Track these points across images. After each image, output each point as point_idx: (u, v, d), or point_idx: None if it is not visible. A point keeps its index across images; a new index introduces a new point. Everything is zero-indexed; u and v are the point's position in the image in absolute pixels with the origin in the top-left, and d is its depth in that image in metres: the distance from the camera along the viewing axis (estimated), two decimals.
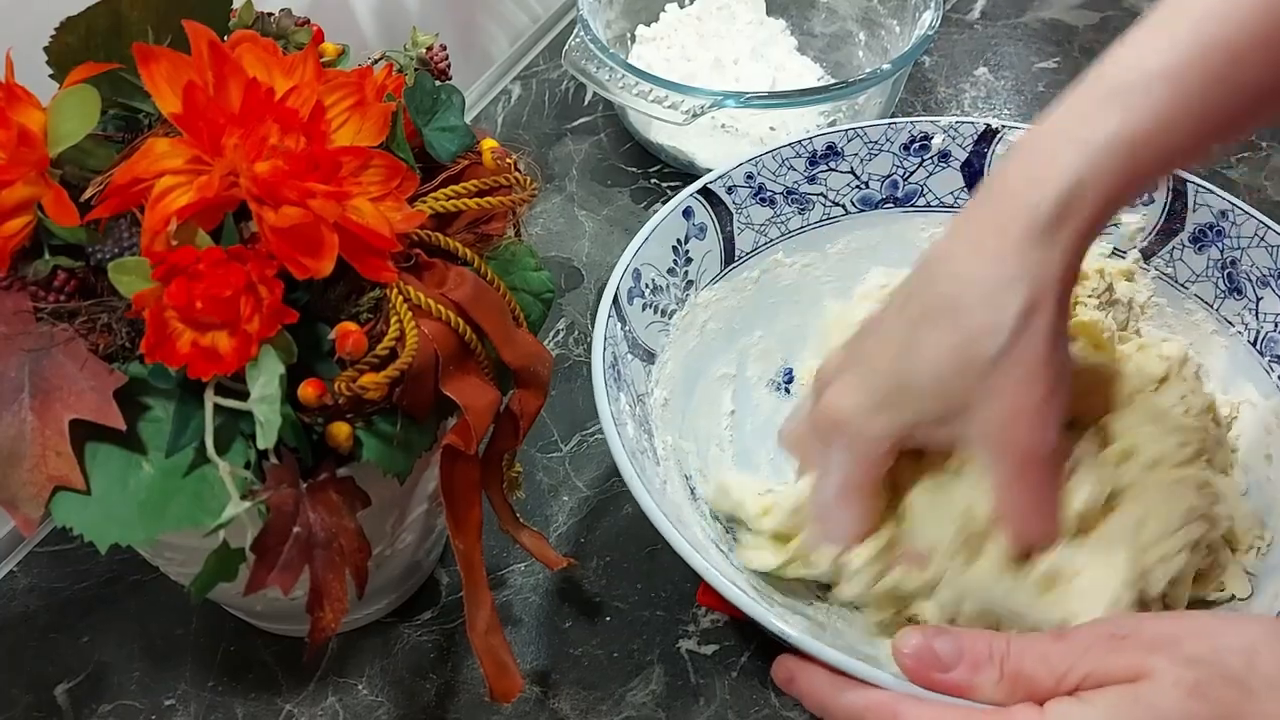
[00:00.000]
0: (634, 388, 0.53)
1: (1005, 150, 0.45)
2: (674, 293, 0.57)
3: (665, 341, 0.56)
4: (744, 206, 0.60)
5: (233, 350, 0.37)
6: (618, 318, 0.53)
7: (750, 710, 0.52)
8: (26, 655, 0.55)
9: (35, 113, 0.40)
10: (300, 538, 0.40)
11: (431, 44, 0.50)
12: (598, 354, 0.50)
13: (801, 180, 0.61)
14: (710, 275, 0.59)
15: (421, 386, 0.41)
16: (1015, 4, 0.96)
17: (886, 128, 0.61)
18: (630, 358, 0.53)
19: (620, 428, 0.48)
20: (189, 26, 0.40)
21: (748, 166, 0.60)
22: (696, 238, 0.58)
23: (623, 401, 0.50)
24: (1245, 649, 0.37)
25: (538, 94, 0.88)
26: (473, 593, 0.45)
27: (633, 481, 0.45)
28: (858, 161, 0.62)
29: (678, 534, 0.44)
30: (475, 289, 0.43)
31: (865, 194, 0.62)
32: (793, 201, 0.61)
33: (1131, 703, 0.36)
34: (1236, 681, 0.36)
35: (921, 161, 0.62)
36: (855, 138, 0.61)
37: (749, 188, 0.60)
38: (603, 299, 0.53)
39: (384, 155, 0.41)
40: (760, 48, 0.84)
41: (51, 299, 0.40)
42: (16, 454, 0.38)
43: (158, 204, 0.37)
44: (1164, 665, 0.37)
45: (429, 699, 0.53)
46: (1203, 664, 0.36)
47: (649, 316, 0.56)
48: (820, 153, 0.61)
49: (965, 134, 0.61)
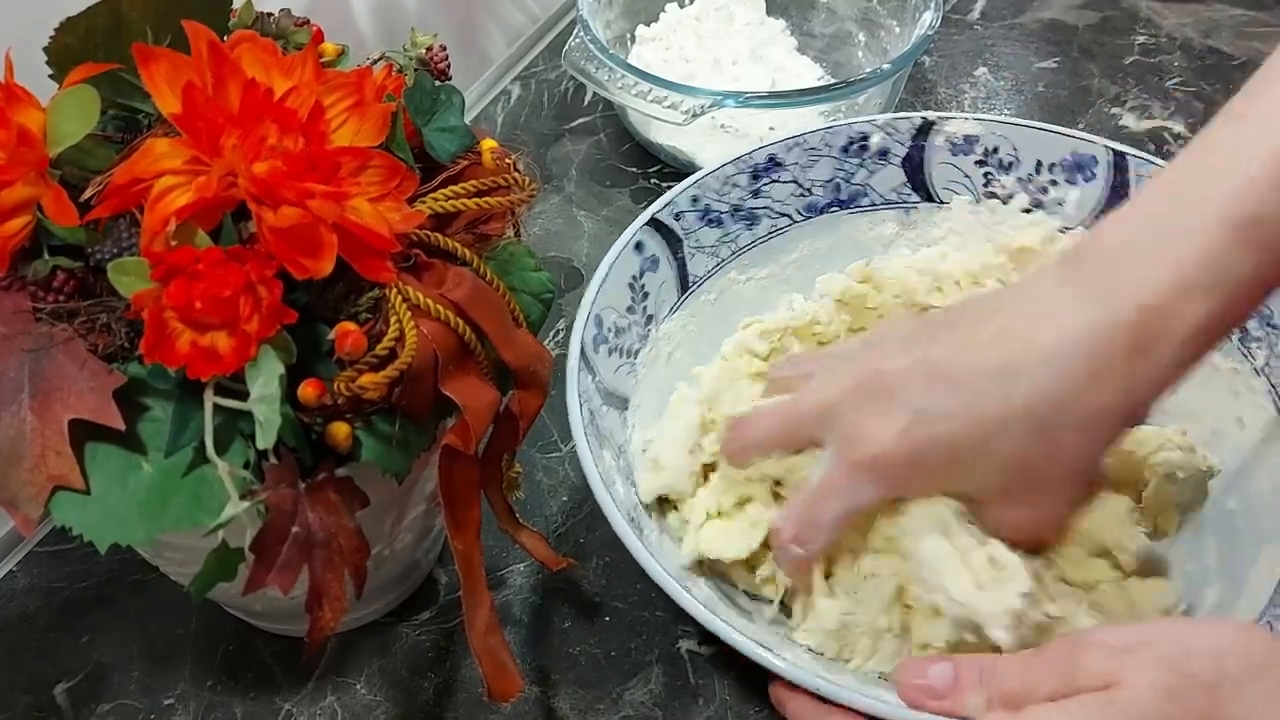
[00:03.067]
0: (614, 440, 0.52)
1: (1116, 226, 0.43)
2: (636, 331, 0.57)
3: (634, 384, 0.56)
4: (692, 231, 0.60)
5: (232, 350, 0.37)
6: (587, 369, 0.52)
7: (750, 710, 0.52)
8: (26, 655, 0.55)
9: (35, 113, 0.40)
10: (299, 537, 0.40)
11: (431, 44, 0.50)
12: (575, 413, 0.49)
13: (746, 196, 0.61)
14: (669, 306, 0.59)
15: (421, 386, 0.41)
16: (1015, 4, 0.96)
17: (824, 132, 0.62)
18: (605, 409, 0.53)
19: (610, 488, 0.47)
20: (189, 27, 0.40)
21: (692, 190, 0.59)
22: (650, 271, 0.58)
23: (607, 459, 0.50)
24: (1214, 652, 0.37)
25: (537, 94, 0.88)
26: (471, 593, 0.45)
27: (634, 546, 0.45)
28: (799, 170, 0.62)
29: (689, 596, 0.44)
30: (474, 289, 0.43)
31: (810, 201, 0.62)
32: (740, 218, 0.61)
33: (1105, 706, 0.37)
34: (1208, 685, 0.36)
35: (862, 162, 0.62)
36: (795, 146, 0.61)
37: (695, 211, 0.60)
38: (569, 353, 0.52)
39: (383, 155, 0.41)
40: (760, 48, 0.84)
41: (51, 299, 0.40)
42: (16, 454, 0.38)
43: (157, 204, 0.38)
44: (1136, 670, 0.37)
45: (428, 698, 0.53)
46: (1174, 668, 0.37)
47: (615, 361, 0.55)
48: (762, 166, 0.61)
49: (902, 129, 0.62)
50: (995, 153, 0.61)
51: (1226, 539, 0.52)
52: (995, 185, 0.62)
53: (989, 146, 0.62)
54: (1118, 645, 0.38)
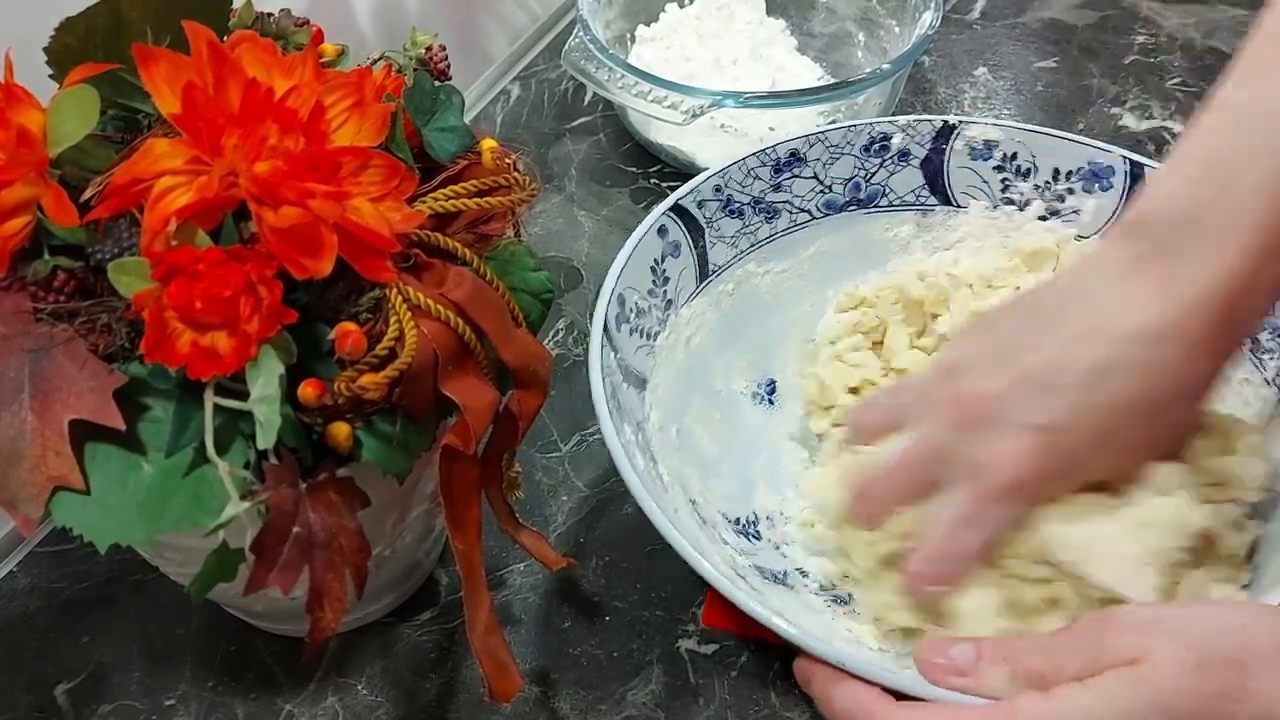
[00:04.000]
0: (634, 416, 0.52)
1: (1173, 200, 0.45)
2: (655, 314, 0.57)
3: (653, 365, 0.56)
4: (714, 220, 0.60)
5: (232, 350, 0.37)
6: (610, 346, 0.52)
7: (750, 710, 0.52)
8: (26, 655, 0.55)
9: (35, 113, 0.40)
10: (300, 538, 0.40)
11: (431, 44, 0.50)
12: (598, 387, 0.49)
13: (767, 189, 0.61)
14: (687, 292, 0.59)
15: (421, 386, 0.41)
16: (1015, 4, 0.96)
17: (847, 130, 0.62)
18: (625, 386, 0.53)
19: (632, 459, 0.47)
20: (188, 27, 0.40)
21: (715, 179, 0.60)
22: (672, 256, 0.58)
23: (628, 433, 0.50)
24: (1238, 628, 0.38)
25: (537, 94, 0.88)
26: (472, 593, 0.45)
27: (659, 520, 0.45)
28: (820, 166, 0.62)
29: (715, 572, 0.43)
30: (474, 289, 0.43)
31: (829, 198, 0.62)
32: (760, 211, 0.61)
33: (1133, 682, 0.37)
34: (1235, 661, 0.37)
35: (882, 162, 0.62)
36: (817, 143, 0.62)
37: (718, 200, 0.60)
38: (592, 330, 0.52)
39: (383, 155, 0.41)
40: (760, 48, 0.84)
41: (51, 299, 0.40)
42: (16, 454, 0.38)
43: (157, 204, 0.37)
44: (1162, 646, 0.37)
45: (429, 699, 0.53)
46: (1201, 643, 0.37)
47: (636, 341, 0.55)
48: (784, 160, 0.61)
49: (923, 132, 0.62)
50: (1014, 159, 0.62)
51: None
52: (1013, 191, 0.62)
53: (1008, 153, 0.62)
54: (1143, 624, 0.39)
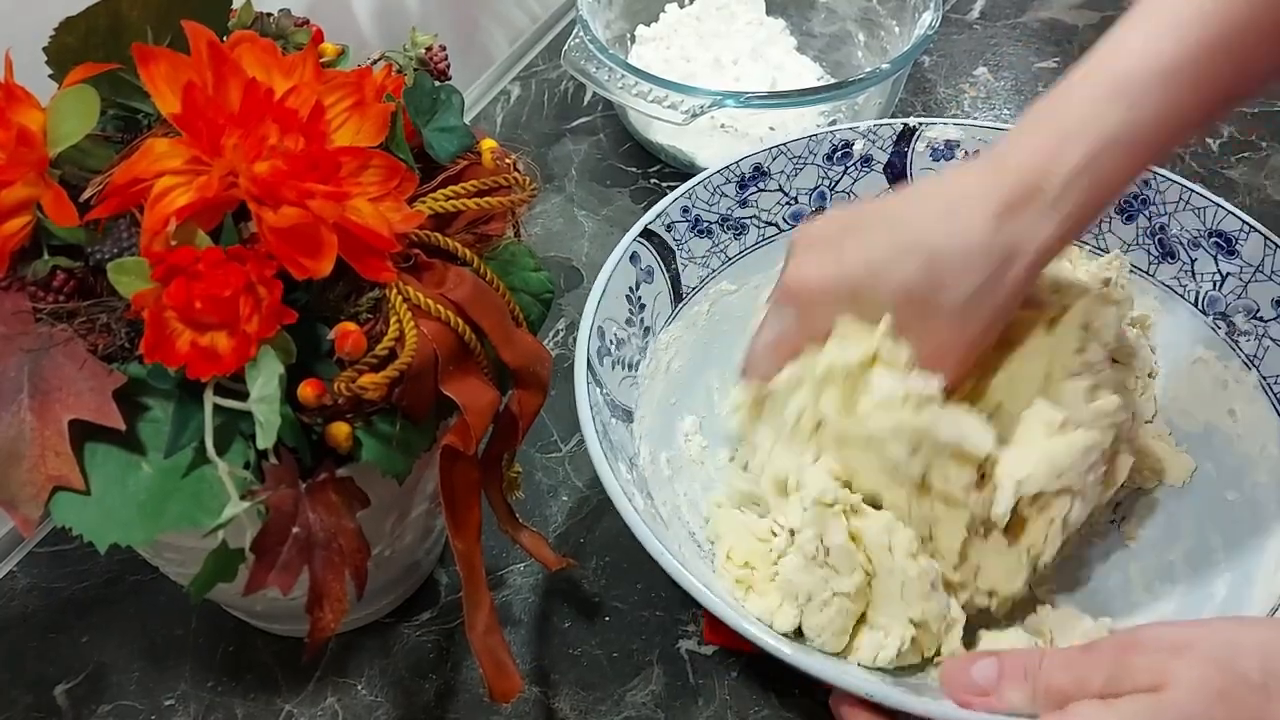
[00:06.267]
0: (625, 452, 0.52)
1: (1014, 125, 0.48)
2: (635, 343, 0.57)
3: (637, 395, 0.56)
4: (684, 241, 0.60)
5: (232, 350, 0.37)
6: (595, 382, 0.52)
7: (750, 710, 0.52)
8: (26, 655, 0.55)
9: (35, 113, 0.40)
10: (299, 538, 0.40)
11: (431, 44, 0.50)
12: (589, 428, 0.49)
13: (734, 205, 0.62)
14: (664, 318, 0.59)
15: (421, 386, 0.41)
16: (1015, 4, 0.96)
17: (808, 140, 0.62)
18: (614, 421, 0.53)
19: (631, 499, 0.47)
20: (188, 27, 0.40)
21: (682, 200, 0.60)
22: (646, 282, 0.58)
23: (623, 472, 0.49)
24: (1263, 651, 0.38)
25: (537, 94, 0.88)
26: (472, 593, 0.45)
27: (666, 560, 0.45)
28: (784, 179, 0.62)
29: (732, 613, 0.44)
30: (475, 289, 0.43)
31: (795, 209, 0.63)
32: (729, 228, 0.62)
33: (1156, 708, 0.37)
34: (1257, 686, 0.37)
35: (846, 169, 0.63)
36: (780, 155, 0.62)
37: (686, 221, 0.60)
38: (576, 368, 0.52)
39: (383, 155, 0.41)
40: (760, 48, 0.84)
41: (50, 299, 0.40)
42: (16, 454, 0.38)
43: (157, 204, 0.37)
44: (1184, 670, 0.38)
45: (428, 699, 0.53)
46: (1224, 668, 0.37)
47: (620, 374, 0.55)
48: (749, 175, 0.62)
49: (884, 136, 0.63)
50: (976, 156, 0.61)
51: (1231, 531, 0.53)
52: None
53: (970, 151, 0.62)
54: (1167, 645, 0.39)
